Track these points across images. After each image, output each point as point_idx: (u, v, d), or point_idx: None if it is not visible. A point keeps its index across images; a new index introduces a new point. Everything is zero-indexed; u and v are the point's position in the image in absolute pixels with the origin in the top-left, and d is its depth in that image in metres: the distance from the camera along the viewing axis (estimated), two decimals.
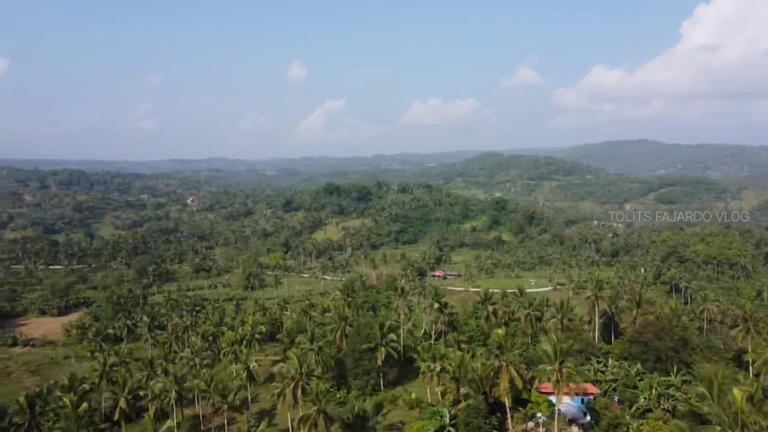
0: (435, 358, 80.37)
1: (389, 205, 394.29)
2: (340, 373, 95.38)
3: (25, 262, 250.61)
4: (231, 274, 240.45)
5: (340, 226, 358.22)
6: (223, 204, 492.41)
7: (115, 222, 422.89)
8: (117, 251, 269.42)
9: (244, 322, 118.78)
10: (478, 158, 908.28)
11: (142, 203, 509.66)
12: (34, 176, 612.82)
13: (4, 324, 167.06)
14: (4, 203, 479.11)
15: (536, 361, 76.88)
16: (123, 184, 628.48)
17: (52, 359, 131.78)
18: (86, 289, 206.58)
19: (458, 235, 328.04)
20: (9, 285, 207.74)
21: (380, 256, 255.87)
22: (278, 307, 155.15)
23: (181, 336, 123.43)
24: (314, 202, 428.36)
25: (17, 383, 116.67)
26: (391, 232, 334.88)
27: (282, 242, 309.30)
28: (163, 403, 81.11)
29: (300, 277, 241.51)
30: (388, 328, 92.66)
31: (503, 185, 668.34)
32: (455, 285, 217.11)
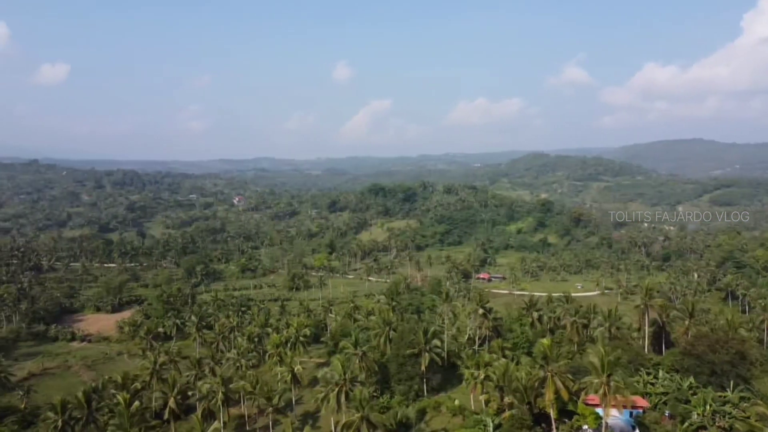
0: (479, 365, 79.53)
1: (434, 206, 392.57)
2: (384, 378, 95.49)
3: (82, 260, 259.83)
4: (276, 275, 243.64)
5: (385, 227, 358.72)
6: (268, 204, 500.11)
7: (165, 221, 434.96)
8: (167, 250, 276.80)
9: (288, 324, 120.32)
10: (523, 159, 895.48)
11: (190, 203, 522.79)
12: (90, 176, 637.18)
13: (63, 319, 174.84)
14: (63, 203, 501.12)
15: (583, 371, 75.12)
16: (173, 184, 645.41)
17: (106, 355, 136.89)
18: (138, 287, 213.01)
19: (503, 237, 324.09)
20: (68, 282, 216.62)
21: (425, 258, 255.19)
22: (322, 309, 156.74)
23: (227, 336, 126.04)
24: (360, 202, 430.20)
25: (76, 377, 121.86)
26: (436, 234, 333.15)
27: (327, 243, 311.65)
28: (210, 404, 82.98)
29: (344, 278, 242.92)
30: (432, 333, 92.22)
31: (549, 186, 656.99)
32: (500, 288, 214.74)
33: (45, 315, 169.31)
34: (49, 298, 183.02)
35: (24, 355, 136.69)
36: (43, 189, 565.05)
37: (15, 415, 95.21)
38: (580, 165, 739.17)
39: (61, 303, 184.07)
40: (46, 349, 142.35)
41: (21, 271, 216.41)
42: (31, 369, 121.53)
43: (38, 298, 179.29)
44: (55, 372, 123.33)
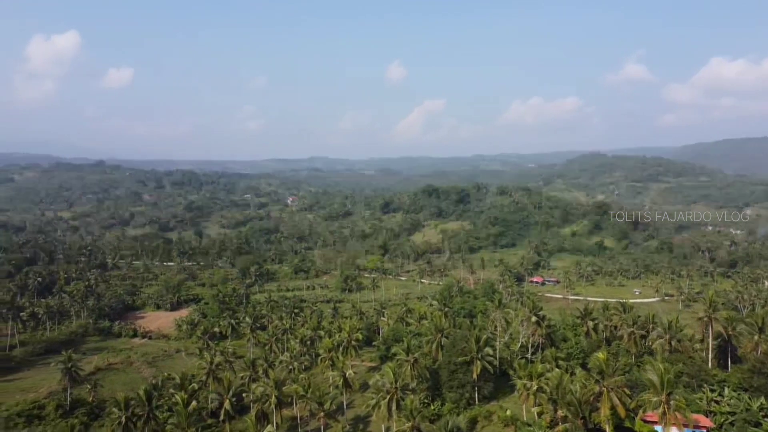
0: (532, 376, 77.97)
1: (488, 208, 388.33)
2: (435, 385, 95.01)
3: (143, 258, 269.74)
4: (329, 276, 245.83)
5: (438, 229, 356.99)
6: (322, 204, 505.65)
7: (221, 221, 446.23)
8: (222, 250, 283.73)
9: (341, 328, 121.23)
10: (579, 159, 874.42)
11: (245, 203, 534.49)
12: (152, 177, 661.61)
13: (126, 316, 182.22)
14: (127, 202, 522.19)
15: (640, 385, 72.54)
16: (229, 184, 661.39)
17: (165, 352, 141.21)
18: (195, 286, 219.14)
19: (558, 240, 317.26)
20: (130, 280, 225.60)
21: (478, 261, 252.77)
22: (375, 312, 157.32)
23: (280, 338, 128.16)
24: (413, 203, 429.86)
25: (137, 373, 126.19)
26: (490, 236, 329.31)
27: (380, 244, 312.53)
28: (263, 406, 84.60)
29: (397, 280, 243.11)
30: (484, 341, 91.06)
31: (606, 188, 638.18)
32: (554, 292, 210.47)
33: (110, 312, 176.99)
34: (113, 295, 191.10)
35: (91, 350, 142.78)
36: (108, 189, 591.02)
37: (84, 407, 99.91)
38: (639, 165, 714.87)
39: (124, 300, 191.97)
40: (110, 345, 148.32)
41: (88, 269, 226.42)
42: (97, 364, 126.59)
43: (104, 295, 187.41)
44: (118, 367, 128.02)
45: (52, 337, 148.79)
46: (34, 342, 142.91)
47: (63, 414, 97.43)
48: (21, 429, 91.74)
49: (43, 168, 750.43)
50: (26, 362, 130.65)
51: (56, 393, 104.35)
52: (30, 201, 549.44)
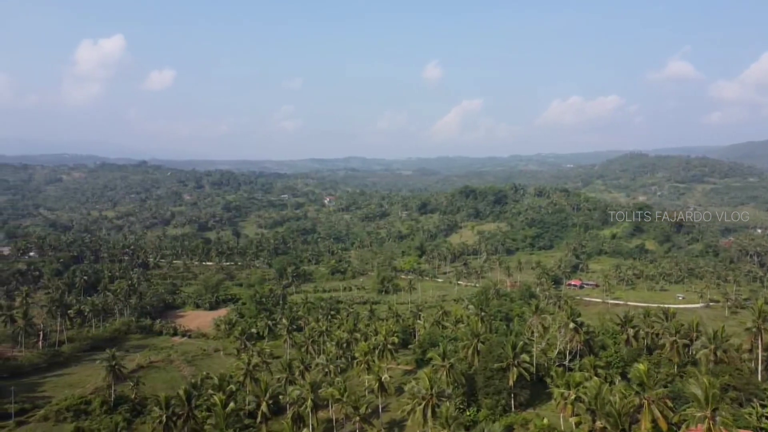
0: (569, 385, 76.50)
1: (525, 209, 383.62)
2: (471, 390, 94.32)
3: (183, 258, 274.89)
4: (366, 277, 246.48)
5: (475, 230, 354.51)
6: (359, 205, 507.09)
7: (258, 221, 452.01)
8: (260, 251, 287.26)
9: (377, 331, 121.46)
10: (619, 159, 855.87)
11: (282, 203, 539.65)
12: (191, 177, 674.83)
13: (167, 315, 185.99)
14: (168, 202, 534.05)
15: (683, 397, 70.30)
16: (266, 184, 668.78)
17: (204, 351, 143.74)
18: (233, 286, 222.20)
19: (597, 242, 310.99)
20: (171, 279, 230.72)
21: (515, 263, 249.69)
22: (411, 314, 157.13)
23: (317, 340, 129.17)
24: (450, 204, 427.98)
25: (177, 371, 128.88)
26: (527, 237, 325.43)
27: (417, 245, 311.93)
28: (300, 409, 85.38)
29: (434, 281, 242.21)
30: (521, 347, 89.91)
31: (648, 188, 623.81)
32: (592, 295, 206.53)
33: (151, 310, 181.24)
34: (154, 294, 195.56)
35: (134, 347, 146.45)
36: (150, 189, 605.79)
37: (127, 404, 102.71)
38: (683, 165, 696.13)
39: (164, 299, 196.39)
40: (151, 343, 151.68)
41: (131, 268, 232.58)
42: (139, 361, 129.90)
43: (146, 293, 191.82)
44: (159, 365, 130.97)
45: (98, 334, 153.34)
46: (80, 339, 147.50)
47: (107, 410, 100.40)
48: (69, 423, 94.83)
49: (90, 168, 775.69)
50: (74, 358, 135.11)
51: (101, 389, 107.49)
52: (77, 200, 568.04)
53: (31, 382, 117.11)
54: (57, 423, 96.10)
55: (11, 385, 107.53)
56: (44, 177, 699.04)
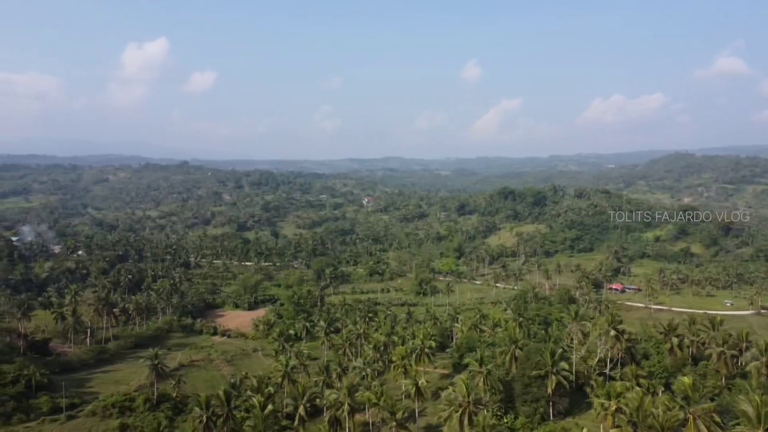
0: (610, 395, 74.93)
1: (565, 211, 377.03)
2: (508, 397, 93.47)
3: (223, 258, 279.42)
4: (404, 279, 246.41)
5: (513, 232, 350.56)
6: (397, 205, 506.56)
7: (297, 221, 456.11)
8: (298, 251, 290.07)
9: (414, 334, 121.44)
10: (664, 159, 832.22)
11: (321, 203, 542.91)
12: (231, 177, 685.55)
13: (207, 314, 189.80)
14: (208, 202, 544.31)
15: (732, 412, 68.03)
16: (305, 184, 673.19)
17: (243, 351, 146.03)
18: (271, 286, 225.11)
19: (639, 245, 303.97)
20: (211, 279, 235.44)
21: (554, 265, 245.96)
22: (449, 317, 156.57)
23: (354, 343, 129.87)
24: (488, 205, 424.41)
25: (217, 370, 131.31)
26: (566, 240, 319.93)
27: (455, 247, 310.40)
28: (337, 413, 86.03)
29: (472, 283, 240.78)
30: (560, 355, 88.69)
31: (693, 190, 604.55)
32: (634, 300, 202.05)
33: (192, 309, 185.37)
34: (195, 293, 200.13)
35: (175, 345, 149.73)
36: (191, 189, 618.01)
37: (169, 402, 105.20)
38: (732, 165, 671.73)
39: (205, 299, 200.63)
40: (192, 342, 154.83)
41: (173, 267, 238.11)
42: (180, 360, 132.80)
43: (187, 293, 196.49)
44: (200, 364, 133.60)
45: (141, 332, 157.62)
46: (125, 336, 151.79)
47: (150, 407, 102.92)
48: (115, 419, 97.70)
49: (134, 169, 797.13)
50: (119, 355, 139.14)
51: (144, 387, 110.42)
52: (122, 200, 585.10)
53: (80, 378, 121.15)
54: (104, 419, 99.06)
55: (62, 380, 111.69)
56: (92, 177, 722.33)
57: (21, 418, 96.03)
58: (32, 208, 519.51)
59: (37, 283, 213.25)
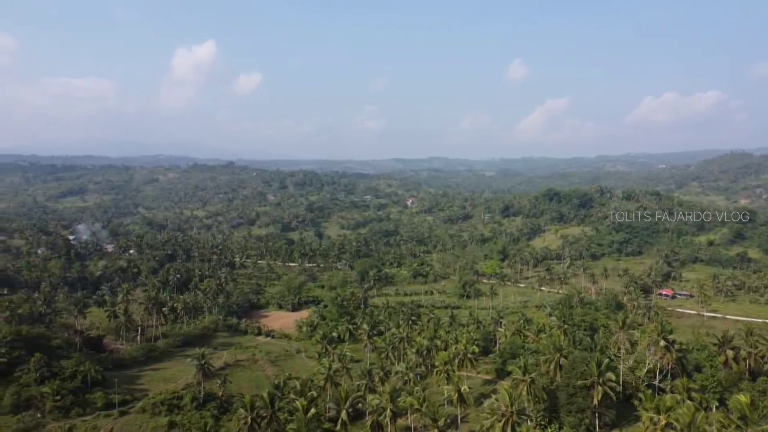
0: (660, 409, 72.52)
1: (612, 213, 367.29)
2: (552, 406, 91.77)
3: (267, 258, 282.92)
4: (447, 281, 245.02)
5: (558, 234, 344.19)
6: (441, 206, 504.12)
7: (341, 222, 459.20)
8: (342, 252, 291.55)
9: (457, 339, 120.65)
10: (719, 159, 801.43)
11: (365, 204, 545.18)
12: (276, 177, 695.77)
13: (251, 314, 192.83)
14: (253, 202, 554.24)
15: None
16: (349, 184, 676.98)
17: (287, 352, 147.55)
18: (315, 287, 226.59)
19: (691, 249, 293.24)
20: (255, 279, 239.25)
21: (600, 269, 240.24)
22: (492, 321, 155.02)
23: (397, 346, 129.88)
24: (533, 207, 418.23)
25: (261, 371, 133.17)
26: (613, 243, 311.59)
27: (499, 249, 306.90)
28: (379, 417, 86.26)
29: (516, 286, 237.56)
30: (606, 365, 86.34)
31: (751, 191, 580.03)
32: (686, 307, 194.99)
33: (237, 309, 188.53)
34: (240, 293, 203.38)
35: (221, 345, 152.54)
36: (237, 189, 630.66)
37: (215, 401, 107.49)
38: None
39: (249, 299, 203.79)
40: (237, 341, 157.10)
41: (219, 267, 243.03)
42: (226, 360, 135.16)
43: (232, 293, 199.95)
44: (244, 364, 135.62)
45: (188, 331, 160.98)
46: (173, 335, 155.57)
47: (197, 406, 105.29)
48: (163, 417, 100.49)
49: (183, 169, 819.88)
50: (167, 353, 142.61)
51: (191, 386, 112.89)
52: (171, 200, 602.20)
53: (131, 375, 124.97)
54: (153, 416, 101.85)
55: (115, 377, 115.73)
56: (143, 177, 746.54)
57: (78, 412, 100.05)
58: (87, 208, 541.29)
59: (92, 281, 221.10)
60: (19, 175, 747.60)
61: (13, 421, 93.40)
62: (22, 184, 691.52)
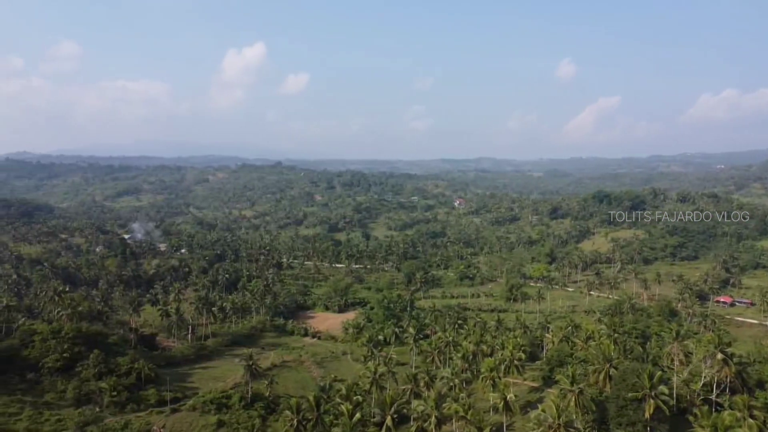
0: (717, 427, 69.56)
1: (666, 216, 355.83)
2: (601, 418, 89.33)
3: (314, 259, 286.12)
4: (494, 284, 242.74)
5: (608, 237, 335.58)
6: (488, 208, 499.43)
7: (388, 223, 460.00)
8: (389, 254, 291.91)
9: (504, 345, 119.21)
10: None
11: (412, 205, 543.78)
12: (323, 177, 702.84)
13: (298, 315, 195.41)
14: (300, 202, 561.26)
15: None
16: (396, 185, 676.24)
17: (333, 353, 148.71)
18: (362, 289, 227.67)
19: (752, 255, 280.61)
20: (302, 280, 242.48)
21: (653, 274, 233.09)
22: (539, 326, 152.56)
23: (443, 350, 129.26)
24: (582, 209, 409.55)
25: (307, 372, 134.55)
26: (667, 246, 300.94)
27: (547, 252, 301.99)
28: (423, 424, 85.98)
29: (564, 290, 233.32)
30: (659, 378, 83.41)
31: None
32: (746, 315, 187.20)
33: (284, 310, 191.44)
34: (287, 294, 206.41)
35: (268, 345, 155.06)
36: (284, 189, 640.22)
37: (262, 401, 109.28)
38: None
39: (296, 300, 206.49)
40: (284, 342, 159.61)
41: (266, 268, 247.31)
42: (273, 360, 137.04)
43: (279, 293, 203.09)
44: (291, 365, 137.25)
45: (237, 331, 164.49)
46: (222, 334, 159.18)
47: (245, 405, 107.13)
48: (213, 415, 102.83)
49: (232, 169, 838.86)
50: (217, 352, 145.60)
51: (239, 385, 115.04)
52: (220, 200, 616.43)
53: (182, 372, 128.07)
54: (203, 414, 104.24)
55: (166, 374, 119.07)
56: (194, 177, 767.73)
57: (133, 408, 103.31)
58: (142, 207, 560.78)
59: (146, 279, 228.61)
60: (80, 175, 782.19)
61: (75, 414, 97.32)
62: (82, 184, 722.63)
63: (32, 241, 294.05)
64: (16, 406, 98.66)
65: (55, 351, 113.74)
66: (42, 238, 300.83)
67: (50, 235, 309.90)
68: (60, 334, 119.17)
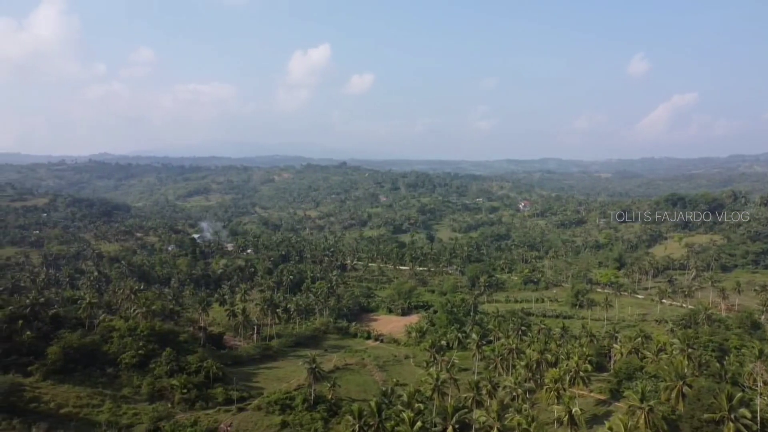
0: None
1: (747, 221, 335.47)
2: None
3: (378, 261, 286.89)
4: (559, 289, 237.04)
5: (682, 242, 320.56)
6: (554, 210, 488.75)
7: (452, 224, 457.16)
8: (453, 257, 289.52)
9: (569, 354, 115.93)
10: None
11: (477, 206, 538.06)
12: (387, 178, 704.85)
13: (361, 317, 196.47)
14: (365, 203, 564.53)
15: None
16: (461, 186, 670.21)
17: (395, 357, 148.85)
18: (425, 292, 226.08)
19: None
20: (366, 282, 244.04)
21: (732, 283, 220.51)
22: (607, 334, 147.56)
23: (506, 357, 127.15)
24: (653, 213, 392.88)
25: (369, 375, 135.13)
26: (749, 253, 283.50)
27: (615, 257, 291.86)
28: None
29: (633, 297, 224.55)
30: (739, 400, 78.76)
31: None
32: None
33: (347, 312, 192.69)
34: (351, 296, 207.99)
35: (331, 347, 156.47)
36: (349, 189, 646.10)
37: (324, 403, 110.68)
38: None
39: (360, 302, 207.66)
40: (347, 344, 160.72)
41: (330, 269, 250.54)
42: (336, 363, 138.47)
43: (343, 295, 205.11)
44: (353, 368, 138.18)
45: (300, 332, 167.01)
46: (286, 335, 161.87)
47: (308, 407, 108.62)
48: (277, 416, 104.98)
49: (297, 169, 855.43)
50: (281, 352, 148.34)
51: (303, 387, 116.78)
52: (285, 200, 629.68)
53: (248, 372, 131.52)
54: (267, 414, 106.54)
55: (233, 373, 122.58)
56: (260, 178, 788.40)
57: (202, 405, 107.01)
58: (210, 207, 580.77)
59: (214, 279, 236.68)
60: (154, 175, 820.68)
61: (149, 410, 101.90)
62: (156, 184, 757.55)
63: (111, 239, 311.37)
64: (98, 398, 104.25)
65: (131, 347, 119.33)
66: (120, 237, 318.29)
67: (127, 234, 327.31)
68: (136, 331, 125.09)
